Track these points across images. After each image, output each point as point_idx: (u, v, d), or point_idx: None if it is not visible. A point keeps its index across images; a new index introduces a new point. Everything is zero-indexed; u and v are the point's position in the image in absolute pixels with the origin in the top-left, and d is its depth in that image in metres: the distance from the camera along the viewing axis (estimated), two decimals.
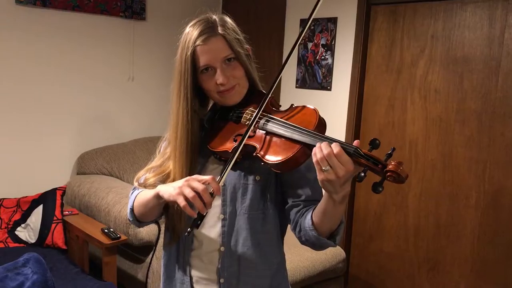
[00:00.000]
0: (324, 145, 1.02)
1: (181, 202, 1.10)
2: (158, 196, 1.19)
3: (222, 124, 1.30)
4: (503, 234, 2.75)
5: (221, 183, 1.14)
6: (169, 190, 1.14)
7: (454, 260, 2.97)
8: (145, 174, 1.33)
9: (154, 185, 1.27)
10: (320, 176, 1.02)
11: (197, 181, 1.11)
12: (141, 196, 1.29)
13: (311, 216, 1.16)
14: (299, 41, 1.21)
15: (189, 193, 1.09)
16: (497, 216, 2.77)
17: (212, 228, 1.28)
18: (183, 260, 1.31)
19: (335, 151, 1.00)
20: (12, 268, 1.88)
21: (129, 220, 1.37)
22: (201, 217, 1.13)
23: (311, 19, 1.19)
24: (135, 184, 1.36)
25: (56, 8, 3.28)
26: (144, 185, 1.32)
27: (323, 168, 1.00)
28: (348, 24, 3.32)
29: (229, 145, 1.22)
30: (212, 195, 1.10)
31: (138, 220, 1.34)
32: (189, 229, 1.14)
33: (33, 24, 3.21)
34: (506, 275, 2.76)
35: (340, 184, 1.02)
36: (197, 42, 1.19)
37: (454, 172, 2.94)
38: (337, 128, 3.39)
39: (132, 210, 1.34)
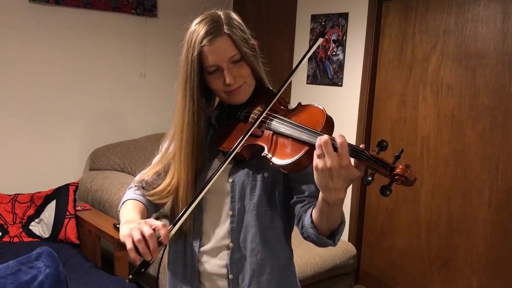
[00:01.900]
0: (324, 135, 1.00)
1: (128, 244, 1.08)
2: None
3: (231, 123, 1.29)
4: None
5: (172, 232, 1.12)
6: (123, 230, 1.13)
7: (466, 257, 2.95)
8: (147, 174, 1.34)
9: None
10: (314, 163, 1.00)
11: (149, 225, 1.09)
12: (121, 211, 1.29)
13: (311, 214, 1.16)
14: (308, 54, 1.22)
15: (136, 236, 1.07)
16: (510, 213, 2.74)
17: (220, 224, 1.29)
18: (190, 256, 1.32)
19: (338, 140, 0.98)
20: (25, 262, 1.90)
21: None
22: (146, 265, 1.09)
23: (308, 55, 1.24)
24: (137, 178, 1.37)
25: (69, 6, 3.31)
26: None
27: (318, 153, 0.99)
28: (360, 20, 3.30)
29: None
30: (160, 244, 1.08)
31: None
32: (130, 276, 1.12)
33: (46, 21, 3.25)
34: None
35: (331, 178, 0.99)
36: (203, 42, 1.18)
37: (466, 168, 2.91)
38: (349, 124, 3.38)
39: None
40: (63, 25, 3.33)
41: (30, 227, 2.99)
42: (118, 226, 2.75)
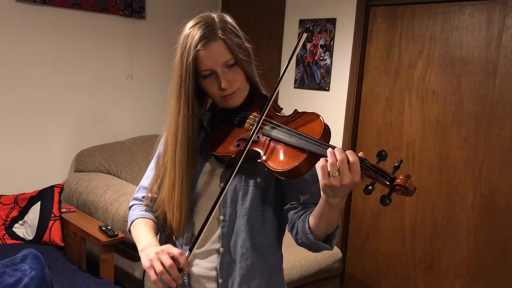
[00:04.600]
0: (338, 150, 1.02)
1: (152, 276, 1.14)
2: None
3: (224, 127, 1.29)
4: (499, 235, 2.77)
5: (190, 257, 1.17)
6: (143, 261, 1.18)
7: (450, 261, 2.99)
8: (147, 186, 1.37)
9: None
10: (323, 181, 1.02)
11: (167, 254, 1.14)
12: (133, 230, 1.33)
13: (308, 220, 1.17)
14: (296, 52, 1.23)
15: (158, 268, 1.12)
16: (493, 217, 2.79)
17: (211, 229, 1.29)
18: None
19: (351, 159, 1.00)
20: (10, 264, 1.88)
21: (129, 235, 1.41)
22: None
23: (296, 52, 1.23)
24: (136, 195, 1.40)
25: (56, 6, 3.28)
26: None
27: (331, 173, 1.00)
28: (347, 25, 3.33)
29: (232, 149, 1.22)
30: (180, 270, 1.13)
31: None
32: None
33: (32, 22, 3.21)
34: (501, 276, 2.78)
35: (342, 191, 1.02)
36: (198, 47, 1.17)
37: (450, 173, 2.95)
38: (335, 128, 3.39)
39: (130, 232, 1.37)
40: (50, 25, 3.30)
41: (14, 229, 2.95)
42: (103, 228, 2.74)
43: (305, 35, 1.23)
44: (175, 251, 1.14)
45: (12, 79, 3.19)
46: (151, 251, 1.17)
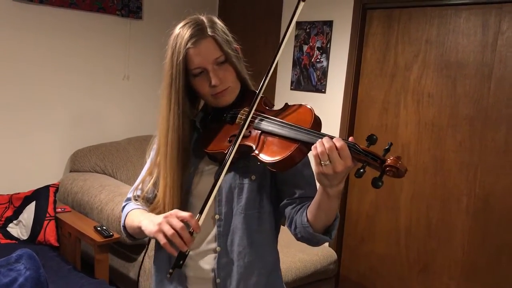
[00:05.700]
0: (326, 139, 1.03)
1: (161, 239, 1.10)
2: (141, 228, 1.20)
3: (216, 125, 1.30)
4: (493, 237, 2.79)
5: (200, 221, 1.13)
6: (149, 227, 1.15)
7: (445, 263, 3.00)
8: (140, 186, 1.35)
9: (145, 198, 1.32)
10: (317, 169, 1.03)
11: (176, 217, 1.11)
12: (129, 219, 1.31)
13: (306, 213, 1.17)
14: (284, 42, 1.23)
15: (168, 231, 1.09)
16: (487, 220, 2.81)
17: (207, 228, 1.28)
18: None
19: (338, 145, 1.01)
20: (5, 264, 1.87)
21: (123, 234, 1.39)
22: (183, 256, 1.12)
23: (292, 22, 1.21)
24: (129, 195, 1.39)
25: (53, 5, 3.27)
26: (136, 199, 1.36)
27: (323, 162, 1.01)
28: (344, 28, 3.34)
29: (224, 145, 1.22)
30: (191, 233, 1.10)
31: (132, 236, 1.35)
32: (170, 270, 1.15)
33: (29, 21, 3.20)
34: (495, 278, 2.79)
35: (336, 178, 1.03)
36: (188, 45, 1.19)
37: (445, 175, 2.97)
38: (331, 130, 3.41)
39: (124, 227, 1.35)
40: (47, 25, 3.29)
41: (8, 229, 2.94)
42: (99, 228, 2.73)
43: (302, 4, 1.18)
44: (184, 214, 1.11)
45: (7, 78, 3.18)
46: (156, 217, 1.14)
